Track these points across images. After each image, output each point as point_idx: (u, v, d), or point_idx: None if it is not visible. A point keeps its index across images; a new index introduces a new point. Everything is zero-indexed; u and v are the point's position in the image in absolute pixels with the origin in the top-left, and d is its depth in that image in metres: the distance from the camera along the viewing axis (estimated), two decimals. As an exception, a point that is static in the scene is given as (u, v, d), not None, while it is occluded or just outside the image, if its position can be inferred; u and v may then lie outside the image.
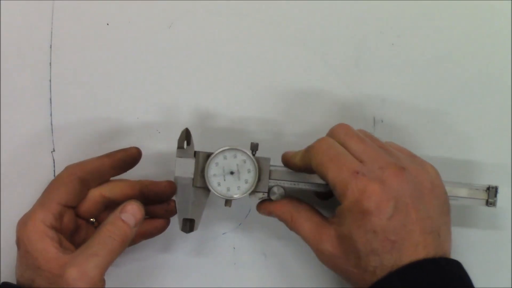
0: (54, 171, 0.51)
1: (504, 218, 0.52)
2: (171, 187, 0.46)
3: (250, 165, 0.45)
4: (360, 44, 0.53)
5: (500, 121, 0.52)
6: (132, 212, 0.44)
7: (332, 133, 0.45)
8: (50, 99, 0.51)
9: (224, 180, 0.45)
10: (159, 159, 0.51)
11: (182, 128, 0.49)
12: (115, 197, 0.46)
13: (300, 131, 0.52)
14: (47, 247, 0.42)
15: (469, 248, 0.51)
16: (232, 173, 0.45)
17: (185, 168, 0.46)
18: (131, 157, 0.47)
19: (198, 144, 0.48)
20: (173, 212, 0.47)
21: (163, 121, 0.52)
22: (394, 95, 0.52)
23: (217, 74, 0.52)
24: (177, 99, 0.52)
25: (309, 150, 0.44)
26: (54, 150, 0.51)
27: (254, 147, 0.46)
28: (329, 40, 0.53)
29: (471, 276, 0.42)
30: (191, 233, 0.47)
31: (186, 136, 0.47)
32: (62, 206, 0.44)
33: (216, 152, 0.45)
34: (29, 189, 0.51)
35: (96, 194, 0.46)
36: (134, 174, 0.48)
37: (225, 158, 0.45)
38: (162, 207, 0.47)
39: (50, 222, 0.43)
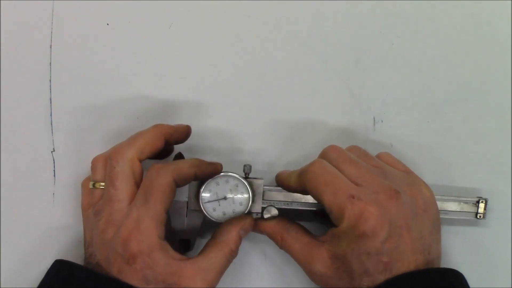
0: (54, 171, 0.51)
1: (504, 218, 0.52)
2: (189, 131, 0.48)
3: (243, 188, 0.46)
4: (360, 44, 0.53)
5: (499, 120, 0.53)
6: (249, 230, 0.46)
7: (324, 156, 0.46)
8: (50, 99, 0.51)
9: (219, 205, 0.46)
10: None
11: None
12: (148, 155, 0.46)
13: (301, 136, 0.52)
14: (167, 260, 0.42)
15: (468, 248, 0.51)
16: (225, 198, 0.46)
17: (179, 192, 0.46)
18: (216, 173, 0.46)
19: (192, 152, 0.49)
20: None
21: (163, 121, 0.51)
22: (394, 95, 0.53)
23: (217, 74, 0.52)
24: (177, 99, 0.52)
25: (303, 173, 0.44)
26: (54, 150, 0.51)
27: (247, 170, 0.47)
28: (329, 40, 0.53)
29: (471, 277, 0.42)
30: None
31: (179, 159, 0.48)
32: (165, 213, 0.43)
33: (208, 180, 0.46)
34: (29, 189, 0.51)
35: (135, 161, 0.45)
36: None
37: (217, 184, 0.46)
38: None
39: (162, 233, 0.43)
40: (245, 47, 0.52)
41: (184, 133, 0.48)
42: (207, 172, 0.45)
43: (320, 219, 0.50)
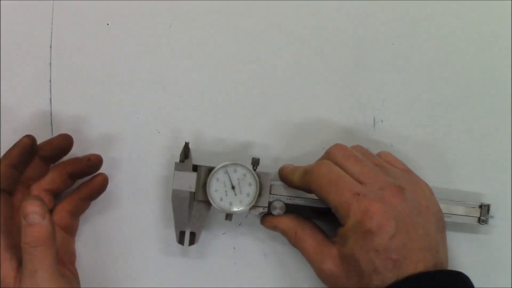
0: (54, 171, 0.51)
1: (505, 220, 0.52)
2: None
3: (250, 179, 0.46)
4: (360, 44, 0.53)
5: (499, 119, 0.53)
6: (31, 211, 0.40)
7: (329, 155, 0.46)
8: (50, 99, 0.51)
9: (226, 195, 0.46)
10: (159, 159, 0.51)
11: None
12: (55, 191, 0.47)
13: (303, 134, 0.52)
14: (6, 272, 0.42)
15: (470, 251, 0.51)
16: (233, 187, 0.46)
17: (183, 182, 0.46)
18: (99, 189, 0.48)
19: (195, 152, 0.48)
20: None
21: (163, 121, 0.51)
22: (394, 95, 0.53)
23: (217, 74, 0.52)
24: (177, 99, 0.52)
25: (308, 173, 0.44)
26: (54, 150, 0.51)
27: (255, 162, 0.46)
28: (329, 40, 0.53)
29: (473, 281, 0.43)
30: (191, 233, 0.47)
31: (185, 150, 0.47)
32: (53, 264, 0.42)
33: (217, 168, 0.46)
34: (29, 189, 0.51)
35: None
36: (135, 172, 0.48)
37: (225, 173, 0.46)
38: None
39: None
40: (246, 47, 0.52)
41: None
42: (87, 192, 0.47)
43: (323, 218, 0.50)
